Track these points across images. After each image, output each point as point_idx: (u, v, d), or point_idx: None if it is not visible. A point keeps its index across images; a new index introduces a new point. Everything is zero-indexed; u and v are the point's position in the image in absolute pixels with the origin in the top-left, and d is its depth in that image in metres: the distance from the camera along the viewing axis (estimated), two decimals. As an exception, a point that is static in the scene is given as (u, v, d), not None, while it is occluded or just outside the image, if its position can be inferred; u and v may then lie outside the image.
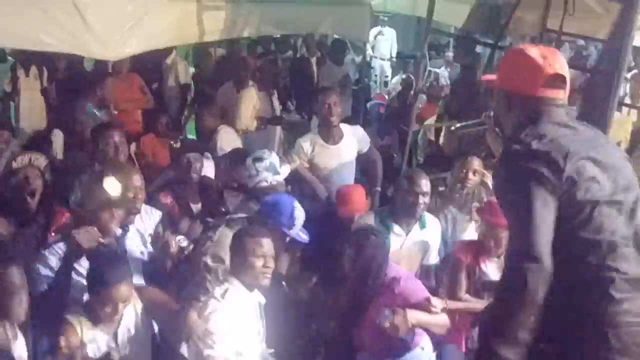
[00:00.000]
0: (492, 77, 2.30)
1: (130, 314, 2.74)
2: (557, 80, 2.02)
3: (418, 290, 3.09)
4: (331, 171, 4.21)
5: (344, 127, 4.35)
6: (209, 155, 4.42)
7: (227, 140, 4.95)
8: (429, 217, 3.59)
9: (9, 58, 6.65)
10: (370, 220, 3.48)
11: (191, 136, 6.16)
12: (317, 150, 4.21)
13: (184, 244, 3.22)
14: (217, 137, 4.93)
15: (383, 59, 11.44)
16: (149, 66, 6.46)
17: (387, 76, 11.38)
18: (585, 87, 5.01)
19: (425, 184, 3.44)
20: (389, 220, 3.47)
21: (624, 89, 6.26)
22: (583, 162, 1.91)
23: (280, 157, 3.83)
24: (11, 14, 3.62)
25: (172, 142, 5.06)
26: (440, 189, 4.10)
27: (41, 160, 3.67)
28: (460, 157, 4.00)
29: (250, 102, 5.55)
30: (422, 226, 3.54)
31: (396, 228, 3.46)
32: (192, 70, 7.41)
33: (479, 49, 9.68)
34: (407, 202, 3.42)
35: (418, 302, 3.03)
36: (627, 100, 6.16)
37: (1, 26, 3.63)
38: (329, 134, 4.24)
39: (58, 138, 4.80)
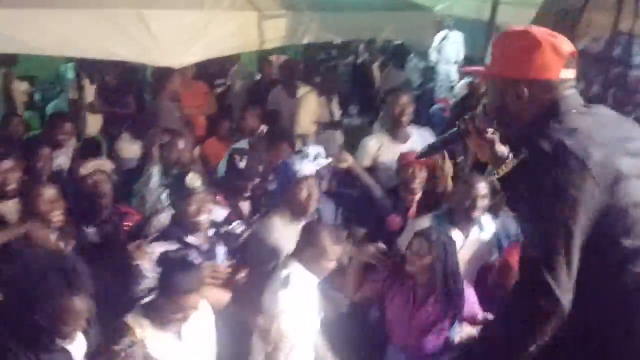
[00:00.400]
0: (478, 68, 2.17)
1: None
2: (574, 59, 1.84)
3: (474, 303, 3.09)
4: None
5: (412, 128, 4.40)
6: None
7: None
8: (485, 219, 3.53)
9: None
10: (427, 222, 3.43)
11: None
12: (384, 149, 4.25)
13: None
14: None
15: (449, 63, 11.25)
16: (214, 72, 6.64)
17: (452, 80, 11.18)
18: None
19: (483, 187, 3.38)
20: (446, 224, 3.42)
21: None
22: (621, 159, 1.71)
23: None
24: (83, 25, 3.85)
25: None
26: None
27: (107, 165, 3.86)
28: None
29: (310, 107, 5.60)
30: (481, 228, 3.48)
31: (454, 232, 3.40)
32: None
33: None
34: (464, 205, 3.38)
35: (470, 316, 3.00)
36: None
37: (74, 37, 3.86)
38: (398, 134, 4.29)
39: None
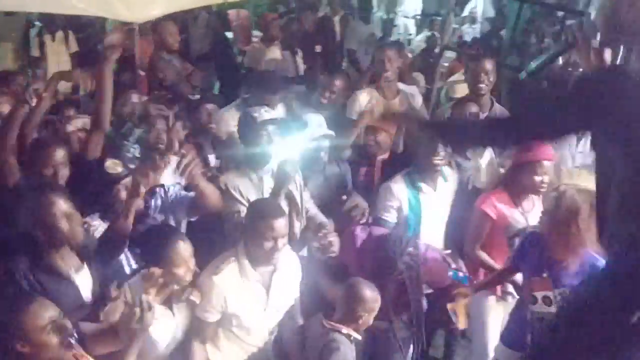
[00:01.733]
0: None
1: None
2: None
3: (442, 271, 3.13)
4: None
5: (401, 85, 4.49)
6: None
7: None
8: (447, 170, 3.60)
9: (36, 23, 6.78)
10: (401, 183, 3.48)
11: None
12: (375, 103, 4.26)
13: None
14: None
15: (407, 17, 11.29)
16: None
17: (410, 34, 11.25)
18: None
19: None
20: (418, 181, 3.48)
21: None
22: None
23: None
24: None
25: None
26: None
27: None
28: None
29: (273, 61, 5.65)
30: (444, 179, 3.57)
31: (424, 187, 3.48)
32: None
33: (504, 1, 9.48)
34: (427, 157, 3.41)
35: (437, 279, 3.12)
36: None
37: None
38: (389, 90, 4.35)
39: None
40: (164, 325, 2.55)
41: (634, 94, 1.72)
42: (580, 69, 1.84)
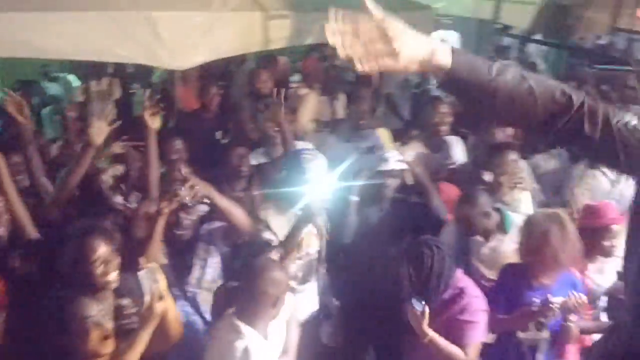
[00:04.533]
0: None
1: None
2: None
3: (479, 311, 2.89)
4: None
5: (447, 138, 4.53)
6: None
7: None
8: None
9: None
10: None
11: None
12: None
13: None
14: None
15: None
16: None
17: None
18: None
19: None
20: None
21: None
22: None
23: None
24: (87, 28, 3.83)
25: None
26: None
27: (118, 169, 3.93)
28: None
29: (309, 106, 5.66)
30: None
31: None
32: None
33: (506, 42, 9.40)
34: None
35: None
36: None
37: (78, 39, 3.84)
38: (436, 142, 4.39)
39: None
40: None
41: None
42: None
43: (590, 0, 4.90)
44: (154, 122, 3.56)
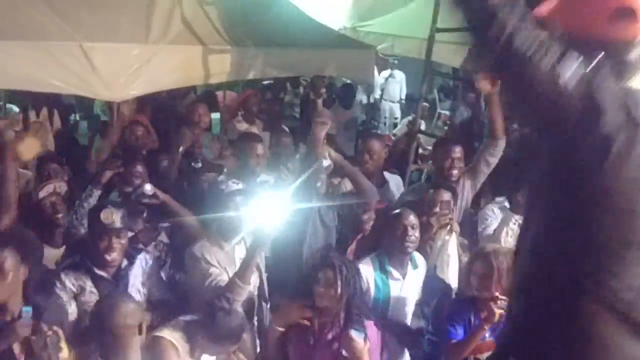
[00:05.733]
0: None
1: None
2: None
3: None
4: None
5: (386, 174, 4.57)
6: None
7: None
8: (417, 256, 3.52)
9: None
10: (369, 266, 3.40)
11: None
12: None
13: None
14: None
15: (392, 102, 11.55)
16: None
17: (396, 118, 11.45)
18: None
19: (413, 218, 3.39)
20: (387, 264, 3.40)
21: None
22: None
23: None
24: (20, 57, 3.79)
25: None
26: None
27: (64, 187, 3.84)
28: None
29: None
30: (415, 266, 3.48)
31: (394, 272, 3.40)
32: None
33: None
34: (397, 237, 3.34)
35: None
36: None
37: (11, 69, 3.80)
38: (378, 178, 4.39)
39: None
40: None
41: None
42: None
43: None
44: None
